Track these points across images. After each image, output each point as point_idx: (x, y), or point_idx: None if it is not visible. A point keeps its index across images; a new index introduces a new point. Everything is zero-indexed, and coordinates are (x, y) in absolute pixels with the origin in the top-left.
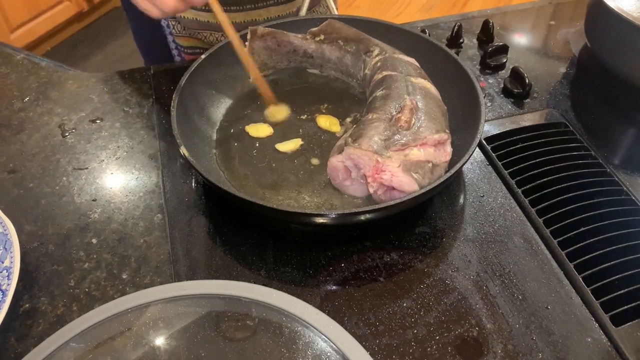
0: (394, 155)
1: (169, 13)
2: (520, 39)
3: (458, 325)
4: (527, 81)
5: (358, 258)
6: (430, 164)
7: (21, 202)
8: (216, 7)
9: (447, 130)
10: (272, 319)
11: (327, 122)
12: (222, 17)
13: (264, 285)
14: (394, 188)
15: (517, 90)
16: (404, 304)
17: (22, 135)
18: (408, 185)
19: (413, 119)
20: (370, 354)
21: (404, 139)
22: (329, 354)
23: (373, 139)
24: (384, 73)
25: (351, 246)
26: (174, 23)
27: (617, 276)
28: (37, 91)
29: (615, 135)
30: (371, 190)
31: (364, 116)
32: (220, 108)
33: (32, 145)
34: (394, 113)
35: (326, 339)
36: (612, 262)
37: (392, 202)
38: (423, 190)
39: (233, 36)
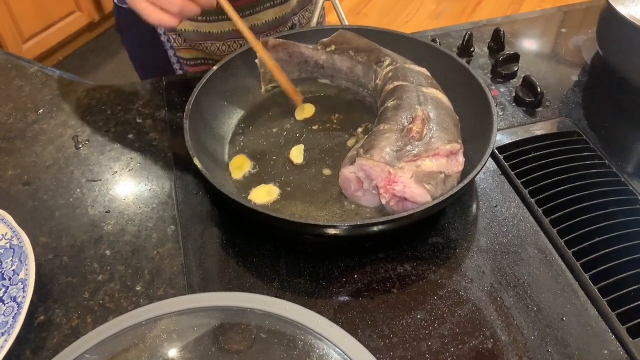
0: (406, 166)
1: (175, 16)
2: (531, 47)
3: (472, 337)
4: (538, 90)
5: (371, 269)
6: (442, 175)
7: (36, 214)
8: (232, 13)
9: (459, 141)
10: (286, 331)
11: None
12: (240, 24)
13: (276, 296)
14: (406, 199)
15: (529, 98)
16: (418, 316)
17: (37, 146)
18: (420, 196)
19: (425, 130)
20: None
21: (416, 149)
22: None
23: (385, 149)
24: (395, 83)
25: (364, 257)
26: (174, 36)
27: (634, 287)
28: (51, 103)
29: (628, 143)
30: (383, 202)
31: (375, 127)
32: (232, 119)
33: (46, 157)
34: (406, 123)
35: (340, 351)
36: (628, 273)
37: (404, 214)
38: (436, 202)
39: (253, 40)
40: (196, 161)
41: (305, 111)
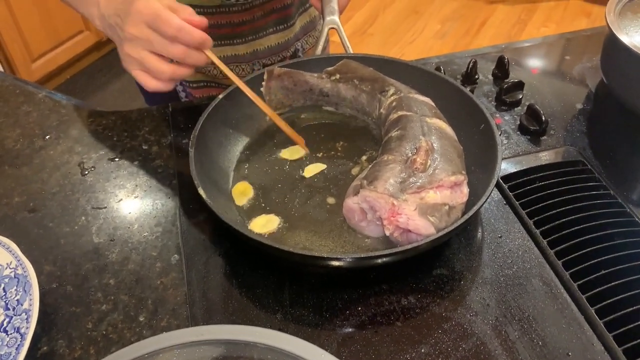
0: (410, 198)
1: (168, 82)
2: (535, 75)
3: None
4: (543, 118)
5: (375, 301)
6: (446, 207)
7: (41, 242)
8: (221, 65)
9: (463, 172)
10: None
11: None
12: (229, 73)
13: (280, 328)
14: (410, 230)
15: (534, 127)
16: (422, 350)
17: (43, 173)
18: (424, 228)
19: (429, 161)
20: None
21: (420, 181)
22: None
23: (389, 181)
24: (399, 113)
25: (368, 289)
26: None
27: None
28: (58, 129)
29: (634, 172)
30: (387, 233)
31: (379, 157)
32: (238, 146)
33: (53, 184)
34: (410, 154)
35: None
36: (635, 307)
37: (409, 247)
38: (440, 234)
39: (244, 87)
40: (201, 191)
41: (297, 152)
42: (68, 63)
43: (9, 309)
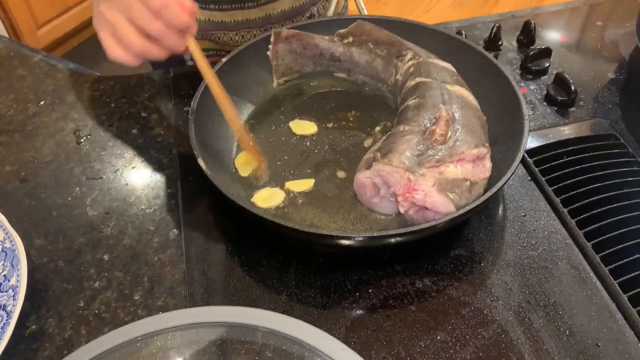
0: (427, 172)
1: (134, 57)
2: (563, 42)
3: None
4: (572, 88)
5: (387, 283)
6: (468, 182)
7: (32, 214)
8: (200, 58)
9: (486, 144)
10: (293, 352)
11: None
12: (205, 67)
13: (284, 310)
14: (427, 208)
15: (562, 97)
16: (438, 337)
17: (36, 141)
18: (443, 206)
19: (449, 132)
20: None
21: (439, 154)
22: None
23: (404, 154)
24: (418, 79)
25: (380, 270)
26: None
27: None
28: (53, 95)
29: None
30: (402, 210)
31: (394, 127)
32: (242, 114)
33: (46, 153)
34: (428, 125)
35: None
36: None
37: (425, 225)
38: (460, 212)
39: (216, 87)
40: (201, 162)
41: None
42: (75, 30)
43: None
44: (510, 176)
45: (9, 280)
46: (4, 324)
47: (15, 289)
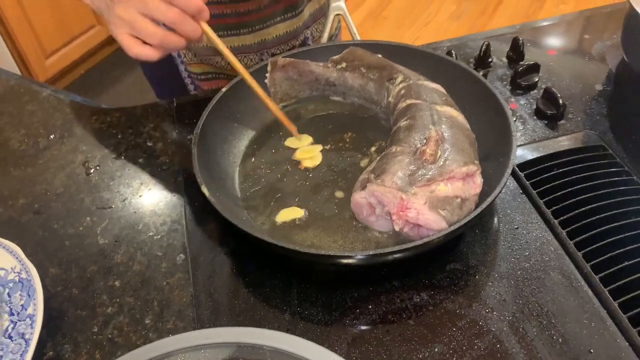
0: (419, 191)
1: (156, 49)
2: (552, 56)
3: None
4: (560, 102)
5: (386, 299)
6: (458, 199)
7: (46, 245)
8: (217, 41)
9: (475, 162)
10: None
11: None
12: (225, 50)
13: (288, 328)
14: (420, 225)
15: (551, 111)
16: (436, 349)
17: (47, 174)
18: (435, 222)
19: (439, 151)
20: None
21: (430, 173)
22: None
23: (397, 174)
24: (408, 101)
25: (378, 286)
26: (184, 51)
27: None
28: (62, 128)
29: None
30: (396, 228)
31: (387, 148)
32: (243, 140)
33: (57, 185)
34: (419, 145)
35: None
36: None
37: (418, 242)
38: (452, 228)
39: (245, 73)
40: (204, 189)
41: (302, 141)
42: (81, 58)
43: (13, 314)
44: (500, 191)
45: (26, 310)
46: (22, 351)
47: (33, 317)
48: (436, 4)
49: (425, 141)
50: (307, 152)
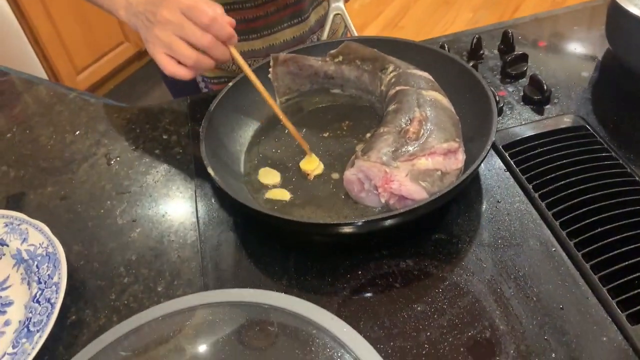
0: (401, 165)
1: (189, 69)
2: (542, 47)
3: (471, 327)
4: (545, 87)
5: (375, 266)
6: (439, 172)
7: (71, 225)
8: (242, 62)
9: (457, 139)
10: (290, 323)
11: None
12: (248, 71)
13: (285, 293)
14: (404, 197)
15: (537, 97)
16: (418, 308)
17: (73, 165)
18: (416, 193)
19: (422, 130)
20: (383, 356)
21: (412, 149)
22: (343, 355)
23: (382, 151)
24: (397, 88)
25: (368, 254)
26: None
27: (636, 274)
28: (87, 125)
29: (637, 136)
30: (382, 200)
31: (376, 130)
32: (249, 130)
33: (81, 174)
34: (404, 125)
35: (341, 341)
36: (630, 261)
37: (402, 210)
38: (432, 197)
39: (264, 91)
40: (209, 169)
41: (312, 164)
42: (111, 74)
43: (41, 283)
44: (480, 163)
45: (52, 278)
46: (49, 313)
47: (58, 285)
48: (453, 12)
49: (409, 121)
50: (310, 163)
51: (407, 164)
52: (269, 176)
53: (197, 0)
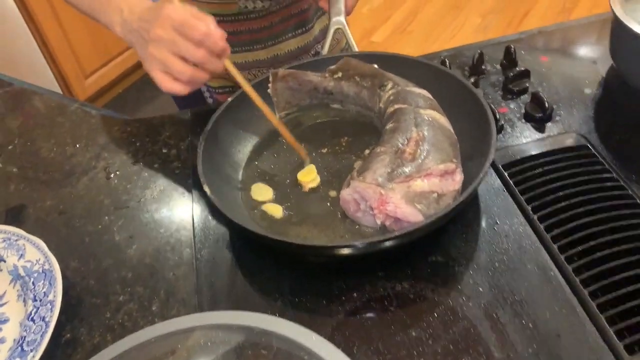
0: (397, 187)
1: (185, 84)
2: (544, 62)
3: (466, 353)
4: (547, 105)
5: (370, 288)
6: (435, 194)
7: (68, 241)
8: (236, 74)
9: (454, 160)
10: (284, 348)
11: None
12: (242, 80)
13: (279, 314)
14: (400, 219)
15: (538, 114)
16: (413, 334)
17: (72, 178)
18: (412, 215)
19: (418, 151)
20: None
21: (408, 170)
22: None
23: (377, 172)
24: (395, 106)
25: (364, 276)
26: None
27: (634, 302)
28: (87, 138)
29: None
30: (378, 222)
31: (373, 149)
32: (247, 146)
33: (80, 188)
34: (401, 145)
35: None
36: (630, 288)
37: (397, 233)
38: (428, 220)
39: (254, 95)
40: (206, 188)
41: (309, 176)
42: (119, 78)
43: (36, 300)
44: (477, 185)
45: (47, 296)
46: (43, 332)
47: (53, 303)
48: (461, 17)
49: (406, 141)
50: (307, 174)
51: (403, 186)
52: (262, 192)
53: (189, 15)
